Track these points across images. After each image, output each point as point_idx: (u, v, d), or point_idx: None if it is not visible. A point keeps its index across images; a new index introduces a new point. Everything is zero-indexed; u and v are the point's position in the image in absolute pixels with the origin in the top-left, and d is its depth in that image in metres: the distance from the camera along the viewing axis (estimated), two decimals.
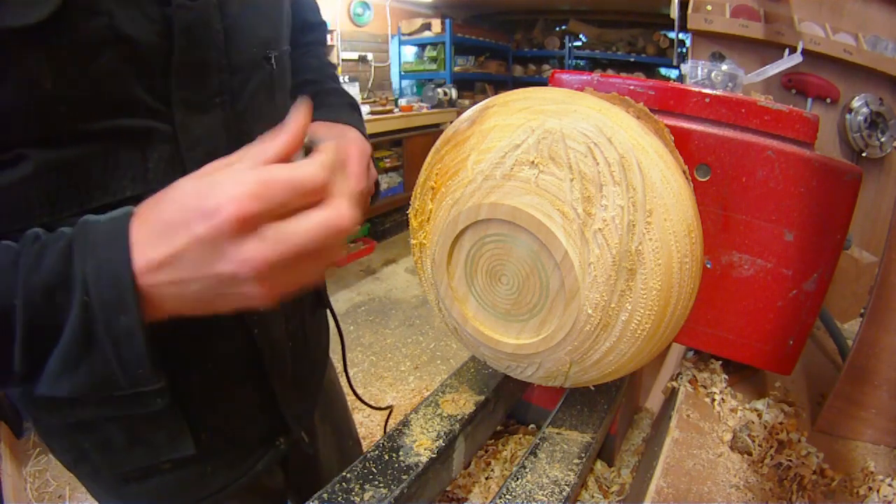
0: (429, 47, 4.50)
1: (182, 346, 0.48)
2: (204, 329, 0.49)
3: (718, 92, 0.51)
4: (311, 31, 0.74)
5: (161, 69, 0.42)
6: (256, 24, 0.50)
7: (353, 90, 3.51)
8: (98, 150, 0.41)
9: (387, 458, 0.53)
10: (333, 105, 0.66)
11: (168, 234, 0.32)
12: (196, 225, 0.31)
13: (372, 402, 2.04)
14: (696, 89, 0.51)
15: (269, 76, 0.53)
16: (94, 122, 0.40)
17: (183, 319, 0.37)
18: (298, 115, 0.34)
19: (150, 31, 0.40)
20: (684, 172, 0.49)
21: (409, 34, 4.37)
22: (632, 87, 0.52)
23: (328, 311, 0.73)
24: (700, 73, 1.00)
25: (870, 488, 0.51)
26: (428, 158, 0.50)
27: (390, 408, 0.91)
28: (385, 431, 0.91)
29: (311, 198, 0.32)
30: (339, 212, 0.33)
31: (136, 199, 0.41)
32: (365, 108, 3.32)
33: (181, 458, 0.51)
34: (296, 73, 0.67)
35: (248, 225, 0.31)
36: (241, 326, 0.53)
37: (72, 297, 0.32)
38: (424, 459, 0.52)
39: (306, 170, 0.32)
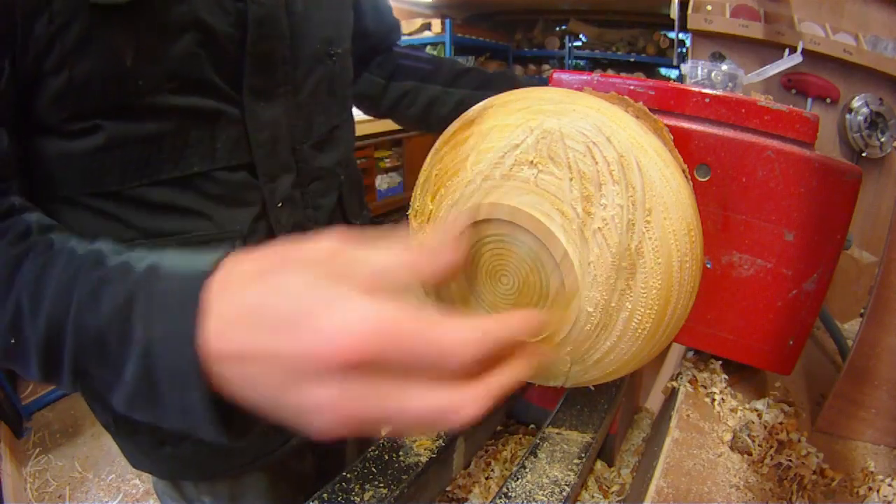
0: (429, 47, 4.50)
1: None
2: None
3: (718, 92, 0.51)
4: (396, 31, 0.80)
5: (233, 57, 0.45)
6: (320, 23, 0.54)
7: None
8: (170, 127, 0.44)
9: (387, 458, 0.53)
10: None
11: (241, 328, 0.26)
12: (287, 339, 0.24)
13: None
14: (696, 89, 0.51)
15: (329, 72, 0.57)
16: (169, 100, 0.42)
17: None
18: (457, 232, 0.27)
19: (225, 21, 0.43)
20: (684, 172, 0.49)
21: (409, 34, 4.37)
22: (632, 87, 0.52)
23: None
24: (700, 73, 1.00)
25: (870, 488, 0.51)
26: (427, 159, 0.50)
27: None
28: None
29: (441, 373, 0.24)
30: (461, 404, 0.25)
31: (203, 176, 0.47)
32: None
33: None
34: (421, 74, 0.75)
35: (345, 371, 0.24)
36: None
37: (128, 356, 0.29)
38: (424, 459, 0.52)
39: (457, 335, 0.24)
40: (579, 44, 4.88)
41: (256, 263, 0.28)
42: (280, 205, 0.54)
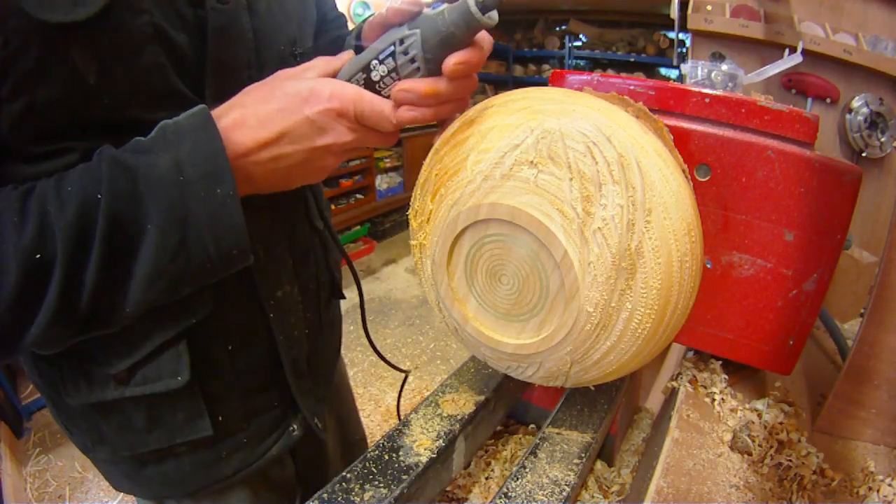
0: None
1: (200, 328, 0.49)
2: (221, 312, 0.51)
3: (718, 92, 0.51)
4: (335, 21, 0.76)
5: (196, 65, 0.44)
6: (283, 23, 0.53)
7: None
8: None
9: (387, 458, 0.53)
10: None
11: (276, 119, 0.40)
12: (308, 108, 0.41)
13: (372, 403, 2.04)
14: (696, 89, 0.51)
15: None
16: (138, 114, 0.42)
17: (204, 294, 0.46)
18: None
19: (185, 30, 0.42)
20: (684, 172, 0.49)
21: None
22: (632, 87, 0.52)
23: (355, 283, 0.74)
24: (700, 73, 1.00)
25: (870, 488, 0.51)
26: (427, 159, 0.50)
27: (407, 372, 0.90)
28: (399, 396, 0.91)
29: (379, 127, 0.43)
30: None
31: None
32: None
33: (197, 440, 0.52)
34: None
35: (343, 116, 0.41)
36: (258, 311, 0.54)
37: (162, 181, 0.37)
38: (424, 459, 0.52)
39: (388, 106, 0.42)
40: (579, 44, 4.88)
41: (253, 93, 0.43)
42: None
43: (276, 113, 0.40)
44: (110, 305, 0.39)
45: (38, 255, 0.34)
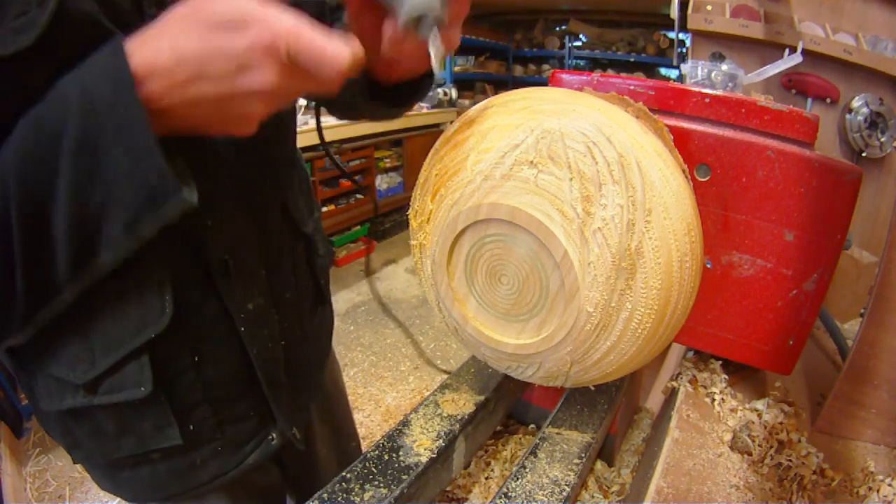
0: None
1: (163, 340, 0.48)
2: (185, 324, 0.49)
3: (718, 92, 0.51)
4: None
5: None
6: None
7: None
8: None
9: (387, 458, 0.53)
10: None
11: (193, 51, 0.33)
12: (230, 40, 0.32)
13: (372, 403, 2.04)
14: (696, 89, 0.51)
15: None
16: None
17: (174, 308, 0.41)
18: None
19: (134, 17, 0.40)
20: (684, 172, 0.49)
21: None
22: (632, 87, 0.52)
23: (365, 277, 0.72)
24: (700, 73, 1.00)
25: (870, 488, 0.51)
26: (427, 159, 0.50)
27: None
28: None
29: (318, 74, 0.34)
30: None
31: None
32: None
33: (169, 448, 0.52)
34: None
35: (271, 55, 0.33)
36: (228, 323, 0.53)
37: (68, 117, 0.33)
38: (424, 459, 0.52)
39: (333, 47, 0.33)
40: (579, 44, 4.89)
41: (166, 17, 0.34)
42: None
43: (194, 43, 0.33)
44: (46, 265, 0.37)
45: None
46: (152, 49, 0.34)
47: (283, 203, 0.61)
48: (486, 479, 0.70)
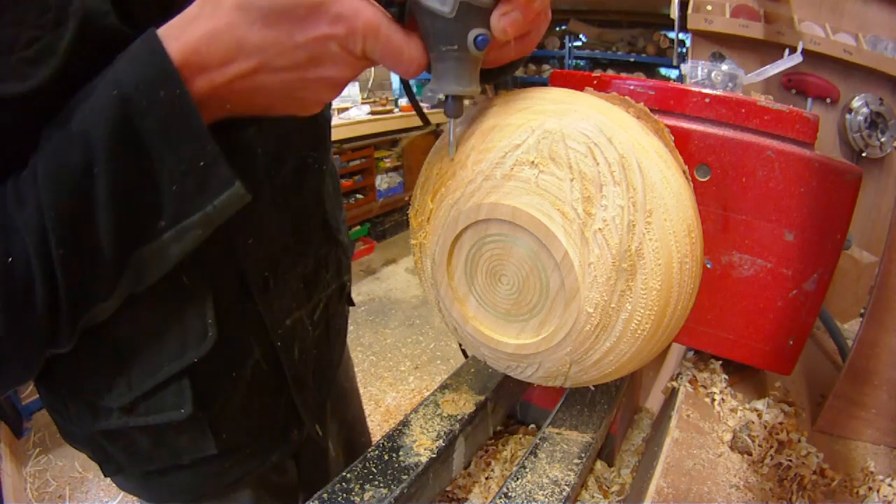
0: None
1: (203, 362, 0.47)
2: (225, 346, 0.49)
3: (718, 92, 0.51)
4: None
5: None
6: None
7: (353, 90, 3.51)
8: None
9: (387, 458, 0.53)
10: None
11: (256, 43, 0.30)
12: (301, 33, 0.30)
13: (372, 403, 2.04)
14: (696, 89, 0.51)
15: None
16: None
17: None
18: None
19: None
20: (684, 172, 0.49)
21: None
22: (632, 88, 0.52)
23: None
24: (700, 73, 1.00)
25: (870, 488, 0.51)
26: (427, 158, 0.50)
27: None
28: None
29: (393, 69, 0.35)
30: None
31: None
32: (365, 108, 3.32)
33: (201, 457, 0.52)
34: None
35: (347, 49, 0.31)
36: (265, 340, 0.53)
37: (101, 114, 0.30)
38: (424, 459, 0.52)
39: (410, 46, 0.33)
40: (579, 44, 4.88)
41: None
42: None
43: (257, 31, 0.30)
44: (90, 273, 0.34)
45: (9, 259, 0.31)
46: (197, 35, 0.30)
47: (322, 212, 0.60)
48: (486, 479, 0.70)
